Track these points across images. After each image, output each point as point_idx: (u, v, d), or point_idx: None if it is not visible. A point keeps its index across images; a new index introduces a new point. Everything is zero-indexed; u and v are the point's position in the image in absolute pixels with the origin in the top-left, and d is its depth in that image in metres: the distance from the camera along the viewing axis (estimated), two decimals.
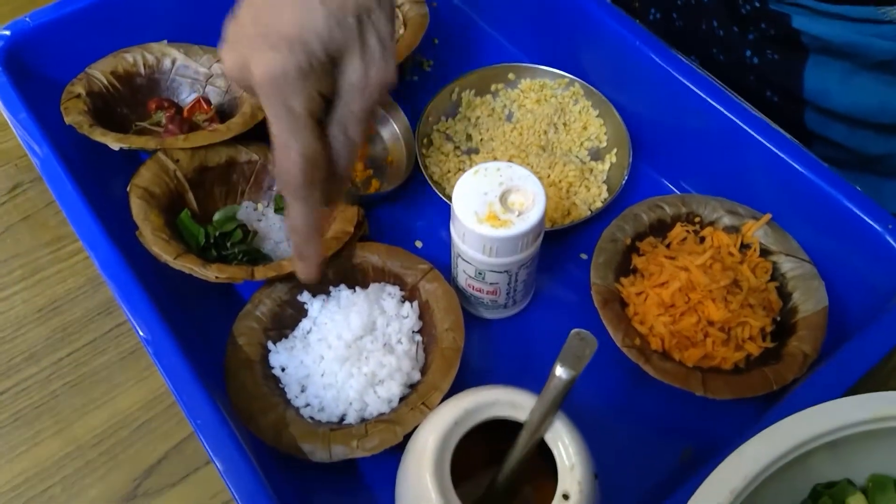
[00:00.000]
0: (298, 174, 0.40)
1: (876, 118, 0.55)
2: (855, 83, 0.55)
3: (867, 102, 0.55)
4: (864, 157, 0.59)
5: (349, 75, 0.40)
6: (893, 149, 0.58)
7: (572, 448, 0.38)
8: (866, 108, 0.55)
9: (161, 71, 0.60)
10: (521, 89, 0.62)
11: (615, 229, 0.51)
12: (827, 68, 0.55)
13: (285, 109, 0.39)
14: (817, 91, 0.56)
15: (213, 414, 0.40)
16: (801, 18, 0.53)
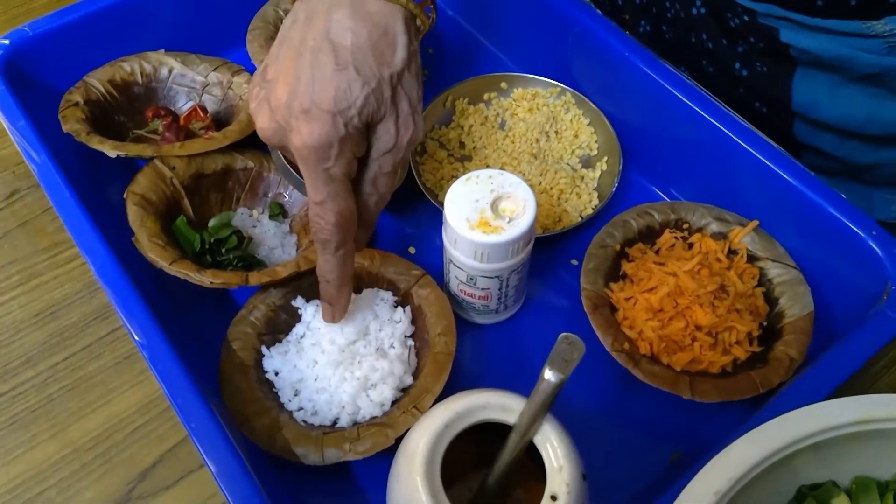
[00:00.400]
0: (335, 231, 0.43)
1: (864, 129, 0.56)
2: (843, 95, 0.55)
3: (855, 114, 0.56)
4: (854, 167, 0.60)
5: (383, 139, 0.43)
6: (882, 158, 0.59)
7: (561, 450, 0.39)
8: (854, 120, 0.56)
9: (158, 80, 0.61)
10: (514, 98, 0.62)
11: (605, 235, 0.52)
12: (815, 81, 0.56)
13: (325, 175, 0.42)
14: (806, 103, 0.57)
15: (206, 417, 0.40)
16: (789, 32, 0.54)
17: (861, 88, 0.54)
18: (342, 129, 0.41)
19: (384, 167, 0.44)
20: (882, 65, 0.51)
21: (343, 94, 0.41)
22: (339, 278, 0.45)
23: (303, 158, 0.42)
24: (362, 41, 0.41)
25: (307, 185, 0.43)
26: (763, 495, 0.40)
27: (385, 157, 0.44)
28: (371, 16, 0.42)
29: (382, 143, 0.43)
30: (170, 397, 0.41)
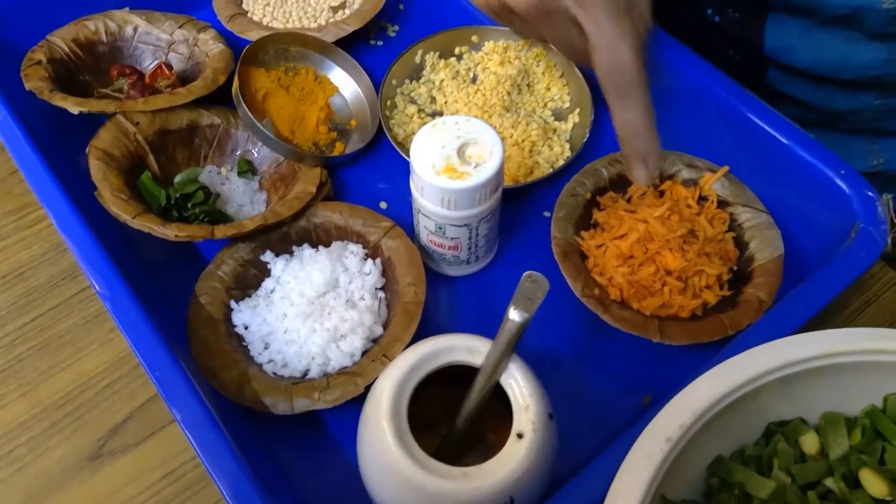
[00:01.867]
0: (636, 73, 0.41)
1: (838, 73, 0.56)
2: (815, 39, 0.55)
3: (828, 58, 0.55)
4: (830, 114, 0.60)
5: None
6: (858, 104, 0.58)
7: (527, 389, 0.39)
8: (827, 64, 0.55)
9: (123, 38, 0.60)
10: (485, 51, 0.62)
11: (575, 184, 0.52)
12: (787, 25, 0.55)
13: (616, 9, 0.40)
14: (778, 48, 0.56)
15: (171, 366, 0.40)
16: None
17: (833, 32, 0.53)
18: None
19: None
20: (852, 5, 0.50)
21: None
22: (647, 125, 0.43)
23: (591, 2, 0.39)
24: None
25: (597, 32, 0.40)
26: (731, 432, 0.40)
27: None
28: None
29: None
30: (133, 347, 0.40)
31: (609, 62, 0.41)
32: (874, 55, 0.52)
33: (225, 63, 0.56)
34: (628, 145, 0.45)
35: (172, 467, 0.46)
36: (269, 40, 0.57)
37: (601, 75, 0.42)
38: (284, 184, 0.54)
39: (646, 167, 0.45)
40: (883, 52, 0.52)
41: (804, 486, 0.39)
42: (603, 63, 0.41)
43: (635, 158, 0.45)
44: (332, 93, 0.59)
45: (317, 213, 0.51)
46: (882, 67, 0.53)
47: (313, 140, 0.56)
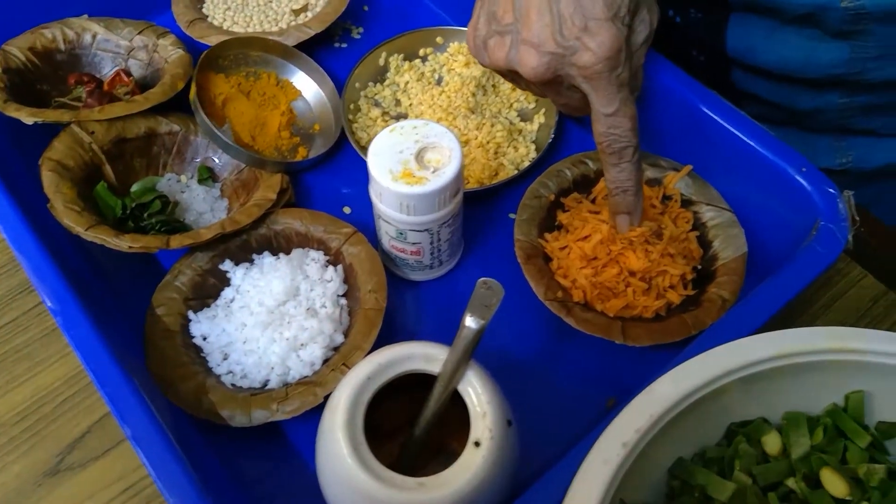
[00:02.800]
0: (631, 134, 0.44)
1: (802, 72, 0.55)
2: (778, 39, 0.55)
3: (792, 57, 0.55)
4: (796, 113, 0.59)
5: (639, 31, 0.44)
6: (822, 103, 0.58)
7: (484, 396, 0.38)
8: (791, 63, 0.55)
9: (82, 46, 0.59)
10: (450, 52, 0.61)
11: (539, 186, 0.51)
12: (750, 25, 0.55)
13: (618, 81, 0.42)
14: (741, 48, 0.56)
15: (122, 380, 0.39)
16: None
17: (796, 31, 0.53)
18: (623, 30, 0.42)
19: (642, 58, 0.45)
20: (811, 4, 0.50)
21: None
22: (636, 184, 0.46)
23: (596, 73, 0.42)
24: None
25: (601, 101, 0.43)
26: (692, 433, 0.40)
27: (642, 48, 0.44)
28: None
29: (640, 35, 0.44)
30: (84, 362, 0.40)
31: (607, 128, 0.44)
32: (836, 54, 0.52)
33: (184, 69, 0.55)
34: (617, 200, 0.47)
35: (132, 481, 0.45)
36: (228, 45, 0.56)
37: (599, 140, 0.45)
38: (246, 190, 0.53)
39: (629, 219, 0.48)
40: (845, 50, 0.52)
41: (766, 488, 0.39)
42: (601, 127, 0.44)
43: (621, 210, 0.47)
44: (295, 97, 0.58)
45: (277, 220, 0.50)
46: (845, 66, 0.53)
47: (275, 145, 0.56)
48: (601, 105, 0.43)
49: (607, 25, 0.41)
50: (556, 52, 0.42)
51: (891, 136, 0.59)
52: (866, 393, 0.40)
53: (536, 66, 0.43)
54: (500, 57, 0.44)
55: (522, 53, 0.43)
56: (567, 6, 0.41)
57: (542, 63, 0.42)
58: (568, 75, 0.43)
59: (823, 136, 0.61)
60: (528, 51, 0.43)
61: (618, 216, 0.48)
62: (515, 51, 0.43)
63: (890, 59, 0.52)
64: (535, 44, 0.42)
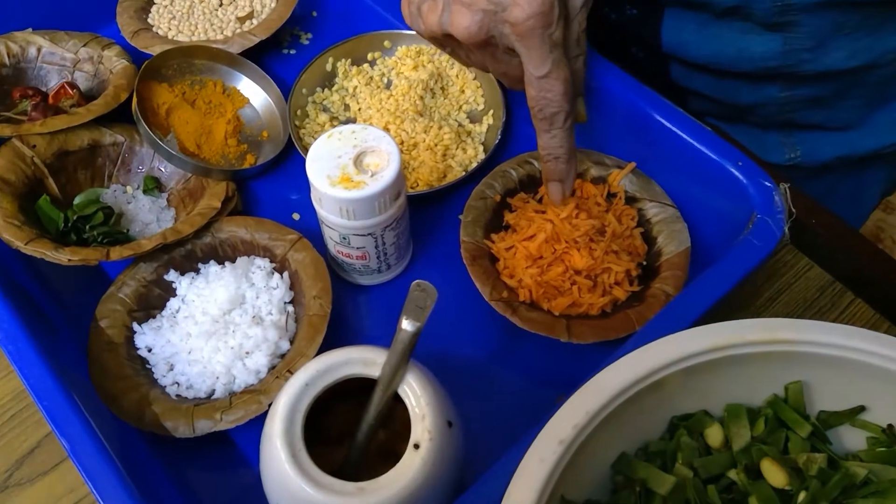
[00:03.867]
0: (562, 99, 0.43)
1: (737, 66, 0.56)
2: (710, 32, 0.55)
3: (724, 51, 0.55)
4: (739, 108, 0.60)
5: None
6: (762, 97, 0.59)
7: (423, 398, 0.38)
8: (725, 57, 0.56)
9: (27, 59, 0.59)
10: (398, 56, 0.61)
11: (484, 187, 0.52)
12: (682, 20, 0.55)
13: (549, 42, 0.42)
14: (676, 44, 0.56)
15: (60, 394, 0.39)
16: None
17: (727, 24, 0.53)
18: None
19: (582, 23, 0.44)
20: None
21: None
22: (568, 151, 0.46)
23: (528, 29, 0.41)
24: None
25: (532, 61, 0.42)
26: (635, 428, 0.40)
27: (581, 12, 0.44)
28: None
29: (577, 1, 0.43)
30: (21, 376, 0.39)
31: (538, 91, 0.43)
32: (770, 46, 0.53)
33: (127, 80, 0.55)
34: (549, 167, 0.47)
35: (81, 495, 0.45)
36: (171, 54, 0.56)
37: (531, 104, 0.44)
38: (193, 199, 0.53)
39: (561, 186, 0.48)
40: (778, 42, 0.52)
41: (707, 480, 0.39)
42: (532, 91, 0.44)
43: (553, 178, 0.47)
44: (243, 104, 0.58)
45: (222, 229, 0.50)
46: (779, 58, 0.53)
47: (222, 153, 0.55)
48: (533, 66, 0.43)
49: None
50: (487, 8, 0.41)
51: (837, 129, 0.60)
52: (806, 383, 0.40)
53: (469, 25, 0.42)
54: (434, 21, 0.44)
55: (454, 14, 0.42)
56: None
57: (474, 22, 0.42)
58: (501, 34, 0.43)
59: (771, 132, 0.62)
60: (460, 10, 0.42)
61: (550, 184, 0.47)
62: (448, 13, 0.43)
63: (823, 51, 0.52)
64: (466, 3, 0.42)
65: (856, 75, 0.55)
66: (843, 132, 0.60)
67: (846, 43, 0.53)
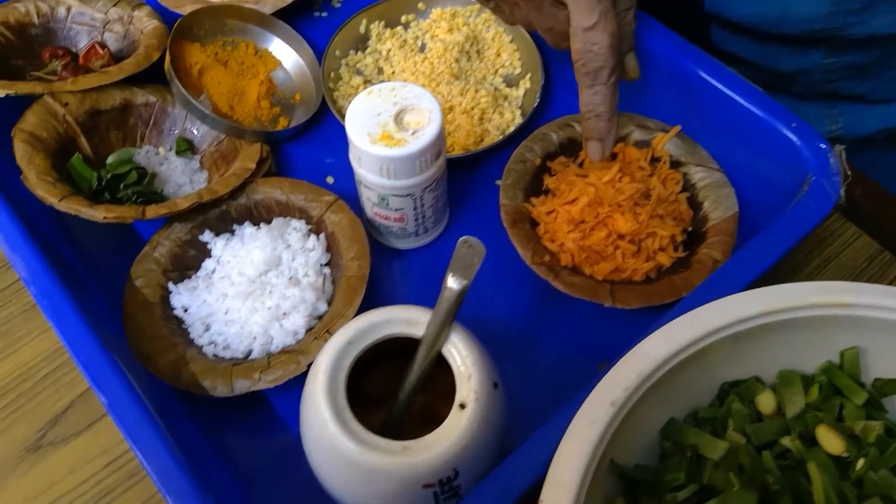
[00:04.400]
0: (608, 53, 0.42)
1: (779, 28, 0.54)
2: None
3: (769, 11, 0.53)
4: (779, 76, 0.58)
5: None
6: (805, 63, 0.57)
7: (469, 358, 0.37)
8: (769, 17, 0.54)
9: (56, 20, 0.58)
10: (433, 19, 0.60)
11: (524, 150, 0.50)
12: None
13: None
14: (719, 2, 0.55)
15: (98, 351, 0.38)
16: None
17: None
18: None
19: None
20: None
21: None
22: (609, 109, 0.45)
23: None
24: None
25: (579, 11, 0.42)
26: (684, 394, 0.39)
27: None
28: None
29: None
30: (59, 332, 0.39)
31: (584, 43, 0.42)
32: (816, 7, 0.51)
33: (158, 39, 0.54)
34: (589, 124, 0.46)
35: (115, 455, 0.45)
36: (202, 13, 0.55)
37: (575, 57, 0.43)
38: (226, 162, 0.52)
39: (601, 145, 0.47)
40: (824, 3, 0.50)
41: (760, 447, 0.38)
42: (577, 44, 0.43)
43: (593, 136, 0.46)
44: (275, 67, 0.57)
45: (257, 190, 0.49)
46: (825, 21, 0.51)
47: (255, 115, 0.54)
48: (580, 17, 0.42)
49: None
50: None
51: (880, 102, 0.58)
52: (861, 349, 0.39)
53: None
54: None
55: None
56: None
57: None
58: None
59: (812, 103, 0.60)
60: None
61: (589, 142, 0.46)
62: None
63: (870, 14, 0.50)
64: None
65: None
66: (886, 104, 0.58)
67: (894, 6, 0.51)
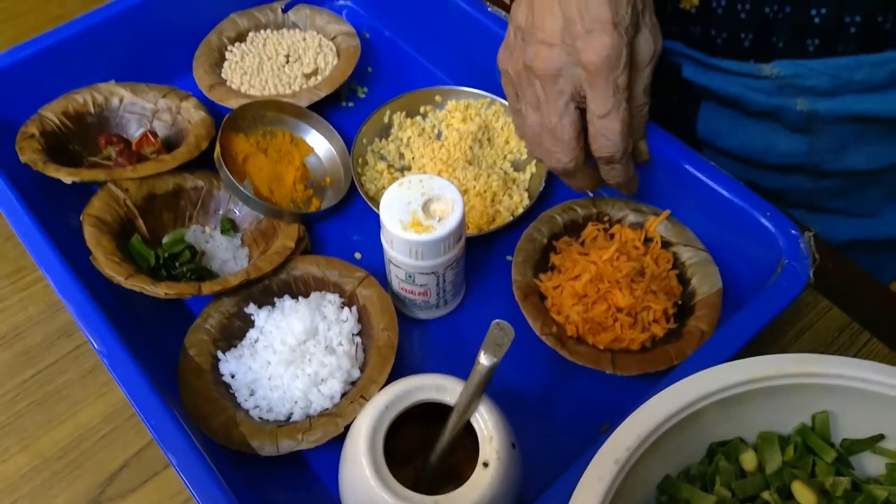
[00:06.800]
0: (619, 139, 0.48)
1: (763, 159, 0.60)
2: (741, 127, 0.59)
3: (753, 145, 0.60)
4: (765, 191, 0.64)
5: (644, 50, 0.48)
6: (790, 185, 0.63)
7: (491, 422, 0.43)
8: (753, 151, 0.60)
9: (110, 109, 0.64)
10: (448, 110, 0.67)
11: (533, 231, 0.57)
12: (717, 113, 0.60)
13: (613, 84, 0.47)
14: (709, 132, 0.60)
15: (165, 414, 0.43)
16: (691, 69, 0.58)
17: (758, 122, 0.58)
18: (623, 36, 0.46)
19: (650, 76, 0.49)
20: (772, 104, 0.55)
21: (615, 8, 0.46)
22: (628, 177, 0.52)
23: (596, 71, 0.46)
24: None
25: (596, 101, 0.47)
26: (677, 453, 0.44)
27: (649, 67, 0.49)
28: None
29: (644, 54, 0.48)
30: (130, 398, 0.44)
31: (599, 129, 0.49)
32: (796, 146, 0.57)
33: (206, 129, 0.61)
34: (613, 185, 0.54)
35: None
36: (247, 108, 0.61)
37: (591, 141, 0.50)
38: (265, 239, 0.58)
39: (628, 189, 0.55)
40: (804, 143, 0.57)
41: (744, 500, 0.43)
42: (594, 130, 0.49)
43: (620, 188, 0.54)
44: (308, 153, 0.64)
45: (296, 266, 0.55)
46: (805, 157, 0.58)
47: (291, 197, 0.61)
48: (596, 106, 0.47)
49: (609, 29, 0.46)
50: (563, 48, 0.47)
51: (856, 216, 0.64)
52: (831, 413, 0.45)
53: (547, 58, 0.48)
54: (519, 57, 0.50)
55: (537, 49, 0.48)
56: (575, 12, 0.46)
57: (552, 55, 0.48)
58: (572, 76, 0.48)
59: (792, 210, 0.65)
60: (541, 47, 0.48)
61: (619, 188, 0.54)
62: (532, 49, 0.49)
63: (845, 154, 0.56)
64: (547, 42, 0.48)
65: (875, 175, 0.59)
66: (861, 218, 0.64)
67: (866, 148, 0.57)
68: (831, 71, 0.50)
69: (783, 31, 0.52)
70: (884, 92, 0.50)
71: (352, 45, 0.68)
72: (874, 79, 0.50)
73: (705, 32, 0.55)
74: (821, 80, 0.51)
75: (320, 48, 0.69)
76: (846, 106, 0.52)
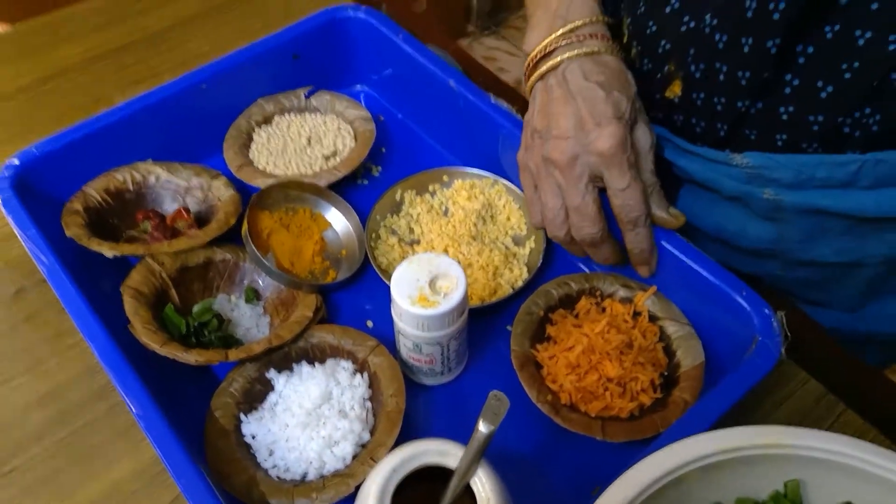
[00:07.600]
0: (642, 204, 0.57)
1: (737, 241, 0.64)
2: (717, 210, 0.64)
3: (728, 227, 0.64)
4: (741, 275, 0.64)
5: (642, 140, 0.58)
6: (763, 270, 0.66)
7: (489, 485, 0.47)
8: (727, 233, 0.64)
9: (147, 186, 0.71)
10: (455, 188, 0.73)
11: (530, 304, 0.62)
12: (695, 195, 0.65)
13: (627, 161, 0.56)
14: (690, 213, 0.64)
15: (194, 475, 0.48)
16: (672, 153, 0.63)
17: (733, 205, 0.62)
18: (627, 126, 0.56)
19: (651, 162, 0.59)
20: (742, 190, 0.59)
21: (617, 106, 0.56)
22: (650, 244, 0.60)
23: (611, 154, 0.55)
24: (609, 76, 0.58)
25: (615, 177, 0.56)
26: None
27: (650, 154, 0.58)
28: (605, 62, 0.59)
29: (644, 142, 0.58)
30: (164, 459, 0.49)
31: (622, 200, 0.57)
32: (765, 232, 0.61)
33: (234, 207, 0.67)
34: (636, 257, 0.60)
35: None
36: (273, 188, 0.67)
37: (617, 212, 0.58)
38: (285, 307, 0.64)
39: (647, 268, 0.62)
40: (773, 230, 0.60)
41: None
42: (617, 201, 0.57)
43: (640, 263, 0.61)
44: (326, 227, 0.69)
45: (313, 335, 0.60)
46: (774, 244, 0.61)
47: (310, 269, 0.66)
48: (616, 181, 0.56)
49: (615, 121, 0.55)
50: (577, 140, 0.56)
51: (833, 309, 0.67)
52: (802, 481, 0.49)
53: (564, 150, 0.57)
54: (538, 152, 0.59)
55: (554, 143, 0.57)
56: (585, 112, 0.56)
57: (567, 146, 0.57)
58: (587, 163, 0.56)
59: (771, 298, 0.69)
60: (558, 141, 0.57)
61: (638, 266, 0.61)
62: (550, 143, 0.57)
63: (812, 244, 0.60)
64: (562, 136, 0.57)
65: (844, 268, 0.62)
66: (838, 312, 0.67)
67: (832, 242, 0.59)
68: (795, 166, 0.55)
69: (755, 125, 0.57)
70: (844, 190, 0.54)
71: (367, 129, 0.74)
72: (835, 177, 0.54)
73: (686, 121, 0.61)
74: (786, 174, 0.55)
75: (339, 131, 0.75)
76: (810, 200, 0.56)
